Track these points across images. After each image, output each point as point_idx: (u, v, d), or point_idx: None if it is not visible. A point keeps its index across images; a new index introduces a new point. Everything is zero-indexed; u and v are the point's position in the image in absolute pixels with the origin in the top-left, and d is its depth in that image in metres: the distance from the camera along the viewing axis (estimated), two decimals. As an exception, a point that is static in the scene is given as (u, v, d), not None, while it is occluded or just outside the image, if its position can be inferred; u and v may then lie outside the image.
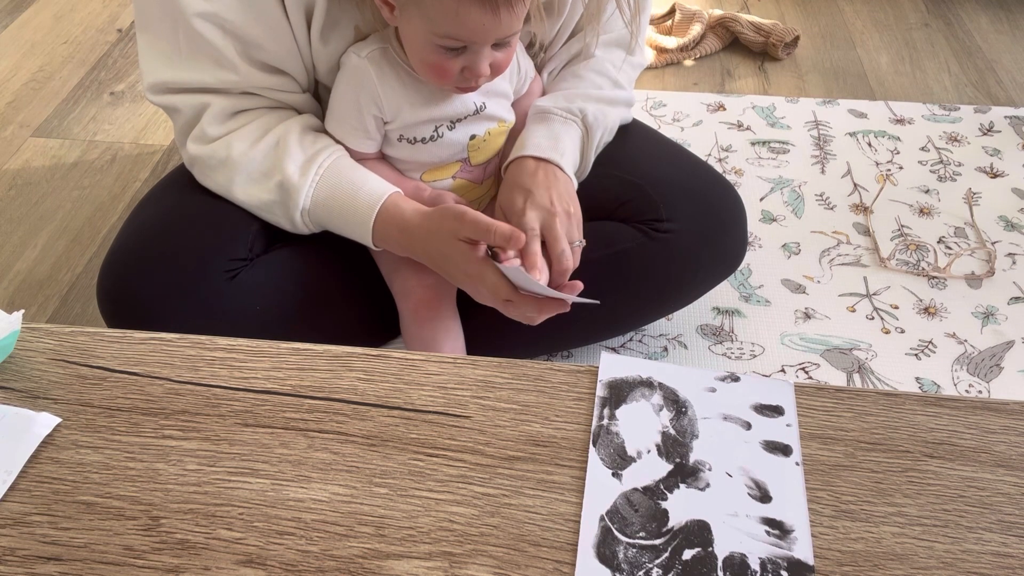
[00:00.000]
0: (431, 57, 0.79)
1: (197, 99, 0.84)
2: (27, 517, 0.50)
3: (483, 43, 0.77)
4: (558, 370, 0.60)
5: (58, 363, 0.60)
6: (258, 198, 0.86)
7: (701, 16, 1.79)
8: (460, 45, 0.77)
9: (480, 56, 0.78)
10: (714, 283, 1.06)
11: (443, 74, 0.80)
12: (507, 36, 0.78)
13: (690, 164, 1.03)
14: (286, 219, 0.87)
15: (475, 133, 0.89)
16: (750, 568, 0.48)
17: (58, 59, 1.77)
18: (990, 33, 1.85)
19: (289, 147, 0.84)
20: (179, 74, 0.83)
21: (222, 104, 0.85)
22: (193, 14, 0.79)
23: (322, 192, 0.84)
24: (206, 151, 0.86)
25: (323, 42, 0.84)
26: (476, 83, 0.81)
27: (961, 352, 1.12)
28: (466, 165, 0.91)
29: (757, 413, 0.57)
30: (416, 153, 0.88)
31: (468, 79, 0.80)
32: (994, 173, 1.44)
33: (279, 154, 0.84)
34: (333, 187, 0.84)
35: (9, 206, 1.39)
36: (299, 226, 0.87)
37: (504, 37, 0.77)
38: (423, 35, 0.77)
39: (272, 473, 0.53)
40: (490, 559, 0.48)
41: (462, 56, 0.78)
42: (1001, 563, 0.49)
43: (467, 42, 0.77)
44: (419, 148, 0.88)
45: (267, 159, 0.85)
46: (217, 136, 0.85)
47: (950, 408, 0.57)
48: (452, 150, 0.89)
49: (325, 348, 0.61)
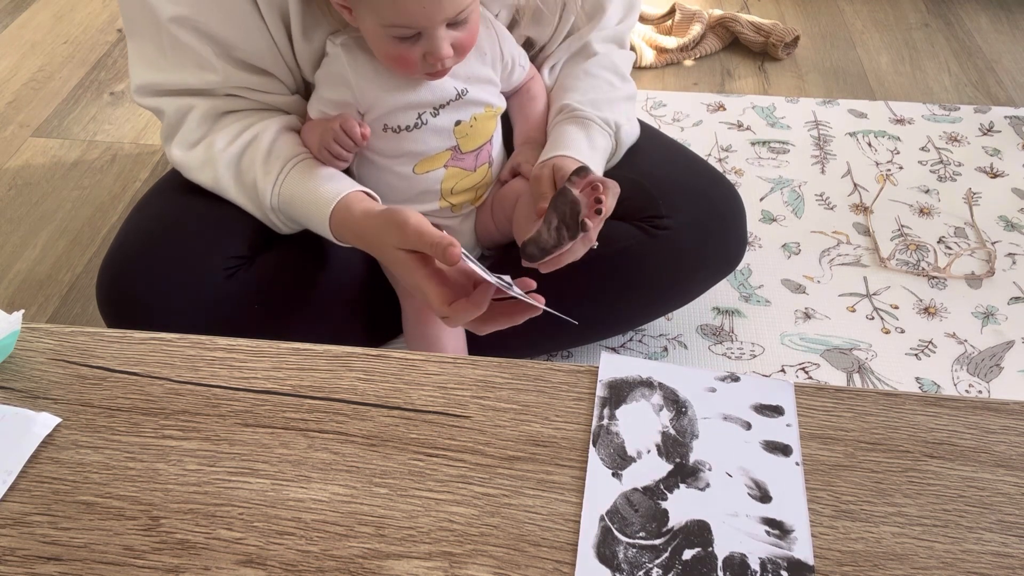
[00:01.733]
0: (391, 49, 0.79)
1: (182, 101, 0.85)
2: (27, 517, 0.50)
3: (433, 26, 0.77)
4: (558, 370, 0.60)
5: (58, 363, 0.60)
6: (239, 195, 0.87)
7: (701, 16, 1.79)
8: (412, 32, 0.77)
9: (436, 39, 0.78)
10: (714, 281, 1.06)
11: (406, 64, 0.80)
12: (457, 14, 0.77)
13: (690, 162, 1.03)
14: (263, 216, 0.87)
15: (460, 119, 0.89)
16: (750, 568, 0.48)
17: (58, 59, 1.77)
18: (990, 33, 1.85)
19: (262, 145, 0.85)
20: (163, 76, 0.84)
21: (206, 106, 0.85)
22: (167, 19, 0.80)
23: (287, 191, 0.84)
24: (190, 155, 0.87)
25: (306, 40, 0.85)
26: (443, 66, 0.81)
27: (961, 352, 1.12)
28: (456, 153, 0.91)
29: (757, 413, 0.57)
30: (403, 143, 0.88)
31: (433, 64, 0.80)
32: (994, 173, 1.44)
33: (253, 152, 0.85)
34: (297, 185, 0.84)
35: (9, 206, 1.39)
36: (275, 223, 0.88)
37: (454, 16, 0.77)
38: (377, 29, 0.78)
39: (272, 473, 0.53)
40: (490, 559, 0.48)
41: (419, 43, 0.78)
42: (1001, 563, 0.49)
43: (417, 27, 0.77)
44: (404, 137, 0.88)
45: (243, 156, 0.86)
46: (200, 139, 0.86)
47: (950, 408, 0.57)
48: (439, 138, 0.89)
49: (325, 348, 0.61)
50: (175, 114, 0.86)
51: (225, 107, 0.86)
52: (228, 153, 0.85)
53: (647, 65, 1.74)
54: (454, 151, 0.91)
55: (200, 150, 0.86)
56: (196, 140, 0.86)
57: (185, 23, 0.80)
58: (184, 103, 0.85)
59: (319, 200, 0.82)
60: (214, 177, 0.86)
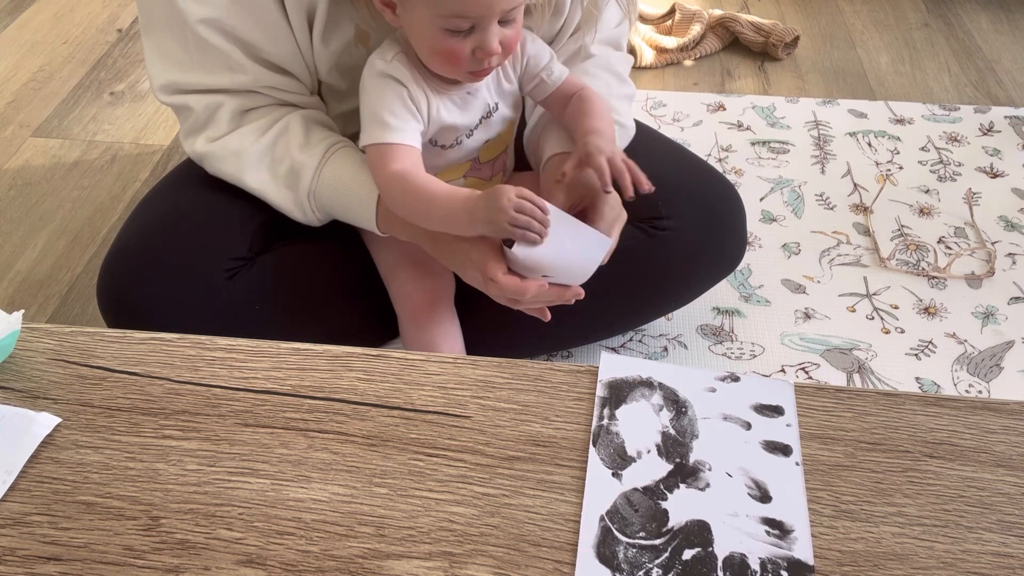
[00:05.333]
0: (441, 44, 0.78)
1: (211, 99, 0.85)
2: (27, 517, 0.50)
3: (490, 17, 0.76)
4: (558, 370, 0.60)
5: (58, 363, 0.60)
6: (268, 184, 0.87)
7: (701, 16, 1.79)
8: (468, 25, 0.76)
9: (489, 33, 0.77)
10: (714, 282, 1.06)
11: (455, 60, 0.79)
12: (512, 8, 0.77)
13: (690, 163, 1.03)
14: (295, 204, 0.87)
15: (488, 138, 0.89)
16: (750, 568, 0.48)
17: (58, 59, 1.77)
18: (990, 33, 1.85)
19: (297, 133, 0.85)
20: (192, 76, 0.84)
21: (235, 103, 0.86)
22: (196, 21, 0.80)
23: (329, 173, 0.85)
24: (217, 146, 0.87)
25: (324, 43, 0.85)
26: (489, 63, 0.80)
27: (961, 352, 1.12)
28: (475, 164, 0.91)
29: (757, 413, 0.57)
30: (433, 157, 0.88)
31: (481, 60, 0.79)
32: (994, 173, 1.44)
33: (288, 140, 0.86)
34: (340, 169, 0.85)
35: (9, 206, 1.39)
36: (307, 211, 0.88)
37: (509, 9, 0.77)
38: (429, 21, 0.77)
39: (272, 473, 0.53)
40: (490, 559, 0.48)
41: (471, 37, 0.77)
42: (1001, 563, 0.49)
43: (474, 18, 0.76)
44: (438, 152, 0.87)
45: (276, 146, 0.86)
46: (228, 132, 0.86)
47: (950, 408, 0.57)
48: (465, 153, 0.89)
49: (325, 348, 0.61)
50: (204, 111, 0.86)
51: (252, 103, 0.87)
52: (261, 144, 0.86)
53: (647, 65, 1.74)
54: (474, 163, 0.91)
55: (227, 142, 0.86)
56: (224, 133, 0.87)
57: (215, 25, 0.80)
58: (213, 100, 0.85)
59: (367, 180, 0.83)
60: (238, 167, 0.87)
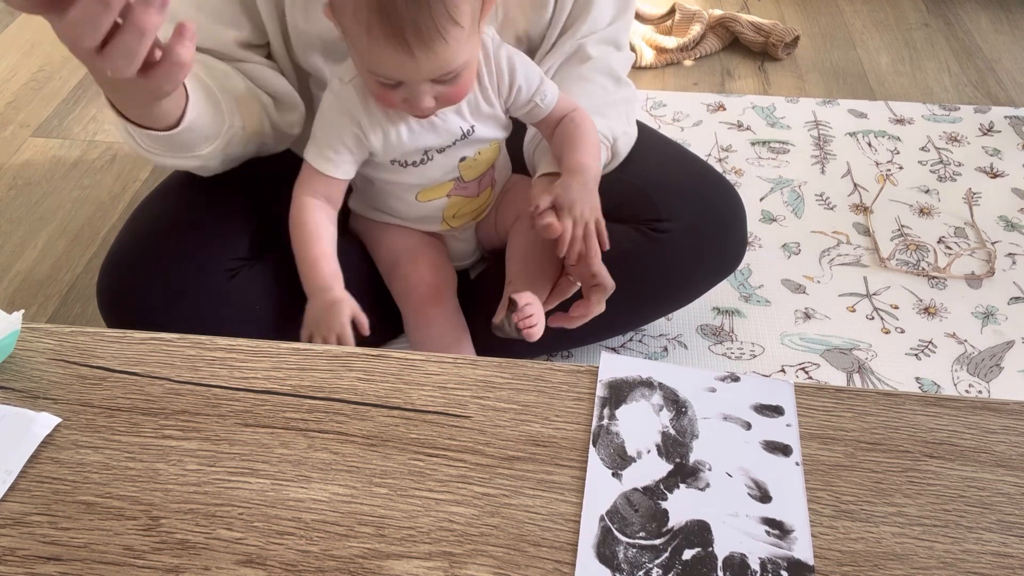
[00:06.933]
0: (373, 87, 0.77)
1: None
2: (27, 517, 0.50)
3: (413, 82, 0.73)
4: (558, 370, 0.60)
5: (58, 363, 0.60)
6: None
7: (701, 16, 1.79)
8: (392, 82, 0.74)
9: (418, 92, 0.74)
10: (713, 283, 1.06)
11: (389, 104, 0.78)
12: (441, 75, 0.73)
13: (689, 164, 1.03)
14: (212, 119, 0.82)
15: (465, 155, 0.87)
16: (750, 568, 0.48)
17: (58, 59, 1.77)
18: (990, 33, 1.85)
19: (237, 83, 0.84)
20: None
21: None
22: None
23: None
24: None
25: (305, 19, 0.84)
26: (423, 115, 0.79)
27: (961, 352, 1.12)
28: (459, 183, 0.90)
29: (757, 413, 0.57)
30: (407, 175, 0.87)
31: (412, 110, 0.77)
32: (994, 173, 1.44)
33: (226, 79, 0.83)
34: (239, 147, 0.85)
35: (9, 206, 1.39)
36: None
37: (437, 77, 0.73)
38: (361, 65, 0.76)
39: (272, 473, 0.53)
40: (490, 559, 0.48)
41: (400, 89, 0.75)
42: (1001, 563, 0.48)
43: (396, 80, 0.73)
44: (410, 170, 0.86)
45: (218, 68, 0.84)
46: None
47: (950, 408, 0.57)
48: (443, 170, 0.88)
49: (325, 348, 0.61)
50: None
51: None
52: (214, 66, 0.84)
53: (647, 65, 1.74)
54: (457, 181, 0.90)
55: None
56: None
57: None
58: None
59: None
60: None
